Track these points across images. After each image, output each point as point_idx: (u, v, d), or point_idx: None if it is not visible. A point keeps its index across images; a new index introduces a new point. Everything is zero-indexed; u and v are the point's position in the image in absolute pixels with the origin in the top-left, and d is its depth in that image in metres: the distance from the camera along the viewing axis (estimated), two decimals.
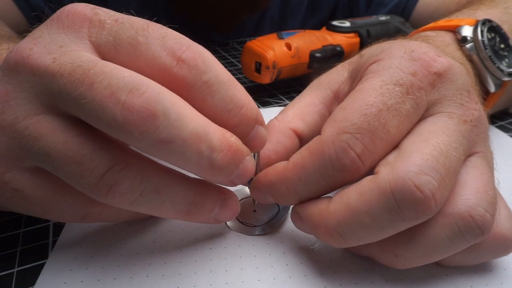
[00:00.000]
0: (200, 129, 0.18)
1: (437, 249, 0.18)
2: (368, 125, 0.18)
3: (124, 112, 0.16)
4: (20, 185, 0.19)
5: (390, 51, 0.21)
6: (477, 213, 0.17)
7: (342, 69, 0.25)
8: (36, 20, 0.20)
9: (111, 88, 0.16)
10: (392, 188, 0.17)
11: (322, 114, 0.25)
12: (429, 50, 0.20)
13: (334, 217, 0.18)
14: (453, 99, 0.20)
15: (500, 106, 0.36)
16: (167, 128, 0.17)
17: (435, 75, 0.19)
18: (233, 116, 0.19)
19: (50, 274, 0.21)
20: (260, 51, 0.40)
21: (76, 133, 0.18)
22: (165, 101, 0.17)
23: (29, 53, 0.18)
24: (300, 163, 0.20)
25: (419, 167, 0.17)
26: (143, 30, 0.18)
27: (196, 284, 0.20)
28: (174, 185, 0.19)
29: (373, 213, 0.17)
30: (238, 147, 0.19)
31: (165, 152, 0.17)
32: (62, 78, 0.17)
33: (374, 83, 0.19)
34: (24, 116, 0.18)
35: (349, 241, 0.18)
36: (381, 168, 0.18)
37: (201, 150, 0.18)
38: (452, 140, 0.18)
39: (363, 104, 0.19)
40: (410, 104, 0.19)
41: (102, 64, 0.17)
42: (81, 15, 0.19)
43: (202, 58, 0.18)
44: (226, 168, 0.19)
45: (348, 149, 0.18)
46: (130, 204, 0.18)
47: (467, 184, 0.18)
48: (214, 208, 0.21)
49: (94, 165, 0.17)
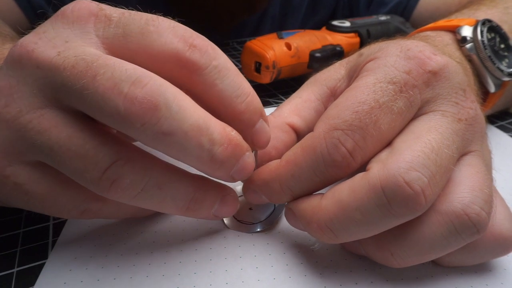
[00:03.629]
0: (201, 122, 0.18)
1: (433, 247, 0.18)
2: (359, 122, 0.18)
3: (127, 103, 0.16)
4: (21, 179, 0.19)
5: (386, 50, 0.21)
6: (472, 211, 0.17)
7: (340, 67, 0.25)
8: (38, 19, 0.20)
9: (114, 79, 0.16)
10: (383, 185, 0.17)
11: (319, 110, 0.25)
12: (425, 48, 0.20)
13: (326, 213, 0.18)
14: (448, 98, 0.20)
15: (500, 106, 0.36)
16: (168, 120, 0.17)
17: (430, 73, 0.20)
18: (240, 102, 0.20)
19: (50, 274, 0.21)
20: (260, 51, 0.40)
21: (80, 128, 0.18)
22: (167, 93, 0.17)
23: (34, 47, 0.18)
24: (293, 160, 0.20)
25: (410, 164, 0.17)
26: (153, 20, 0.19)
27: (196, 284, 0.20)
28: (175, 181, 0.19)
29: (364, 209, 0.17)
30: (238, 141, 0.19)
31: (166, 144, 0.17)
32: (65, 71, 0.17)
33: (367, 81, 0.20)
34: (28, 110, 0.18)
35: (341, 237, 0.19)
36: (373, 165, 0.18)
37: (202, 143, 0.18)
38: (445, 138, 0.18)
39: (355, 102, 0.19)
40: (403, 102, 0.19)
41: (105, 57, 0.17)
42: (86, 10, 0.19)
43: (211, 46, 0.19)
44: (227, 162, 0.19)
45: (339, 145, 0.18)
46: (132, 199, 0.19)
47: (462, 182, 0.18)
48: (213, 205, 0.21)
49: (97, 159, 0.18)
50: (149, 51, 0.18)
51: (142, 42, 0.18)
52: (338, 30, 0.46)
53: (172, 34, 0.18)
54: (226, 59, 0.19)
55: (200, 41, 0.19)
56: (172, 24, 0.19)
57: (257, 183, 0.21)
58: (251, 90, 0.20)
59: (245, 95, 0.20)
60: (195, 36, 0.19)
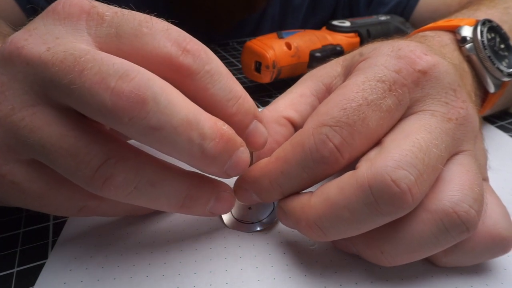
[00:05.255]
0: (191, 116, 0.18)
1: (423, 245, 0.18)
2: (347, 118, 0.18)
3: (114, 98, 0.16)
4: (18, 178, 0.19)
5: (378, 50, 0.21)
6: (461, 209, 0.18)
7: (336, 64, 0.25)
8: (32, 14, 0.20)
9: (101, 74, 0.16)
10: (370, 183, 0.17)
11: (314, 106, 0.25)
12: (416, 48, 0.20)
13: (314, 211, 0.19)
14: (437, 98, 0.20)
15: (500, 106, 0.36)
16: (157, 114, 0.17)
17: (420, 72, 0.20)
18: (231, 105, 0.20)
19: (50, 274, 0.21)
20: (260, 50, 0.40)
21: (72, 126, 0.18)
22: (155, 87, 0.17)
23: (24, 43, 0.18)
24: (282, 157, 0.20)
25: (397, 162, 0.17)
26: (147, 22, 0.19)
27: (196, 284, 0.20)
28: (169, 179, 0.19)
29: (352, 207, 0.17)
30: (230, 136, 0.19)
31: (156, 139, 0.17)
32: (53, 66, 0.17)
33: (357, 80, 0.20)
34: (20, 108, 0.18)
35: (330, 235, 0.19)
36: (361, 164, 0.18)
37: (192, 137, 0.18)
38: (433, 137, 0.18)
39: (344, 99, 0.19)
40: (391, 100, 0.19)
41: (94, 52, 0.17)
42: (78, 7, 0.18)
43: (204, 50, 0.19)
44: (219, 157, 0.19)
45: (327, 140, 0.18)
46: (125, 196, 0.18)
47: (452, 180, 0.18)
48: (209, 201, 0.21)
49: (90, 158, 0.17)
50: (142, 53, 0.18)
51: (135, 44, 0.18)
52: (338, 30, 0.46)
53: (165, 37, 0.18)
54: (218, 63, 0.19)
55: (193, 45, 0.19)
56: (166, 26, 0.19)
57: (247, 181, 0.21)
58: (243, 93, 0.20)
59: (236, 98, 0.20)
60: (188, 40, 0.19)
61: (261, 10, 0.62)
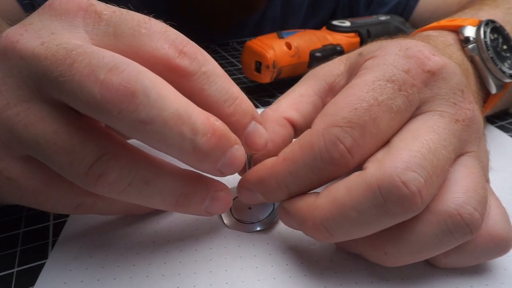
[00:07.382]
0: (182, 111, 0.17)
1: (426, 246, 0.18)
2: (358, 119, 0.18)
3: (103, 90, 0.16)
4: (14, 174, 0.19)
5: (386, 48, 0.21)
6: (466, 211, 0.17)
7: (339, 63, 0.25)
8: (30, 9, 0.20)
9: (91, 66, 0.16)
10: (379, 184, 0.17)
11: (316, 105, 0.25)
12: (424, 48, 0.20)
13: (321, 212, 0.18)
14: (446, 98, 0.20)
15: (500, 106, 0.36)
16: (146, 108, 0.16)
17: (429, 73, 0.20)
18: (228, 106, 0.20)
19: (50, 274, 0.21)
20: (260, 50, 0.40)
21: (66, 122, 0.18)
22: (145, 81, 0.17)
23: (19, 38, 0.18)
24: (290, 157, 0.20)
25: (406, 164, 0.17)
26: (145, 22, 0.19)
27: (196, 284, 0.20)
28: (163, 177, 0.19)
29: (360, 208, 0.17)
30: (223, 131, 0.18)
31: (146, 133, 0.17)
32: (46, 60, 0.17)
33: (366, 79, 0.20)
34: (15, 102, 0.18)
35: (336, 236, 0.19)
36: (370, 164, 0.18)
37: (183, 132, 0.17)
38: (442, 138, 0.18)
39: (354, 99, 0.19)
40: (401, 100, 0.19)
41: (86, 46, 0.17)
42: (75, 4, 0.18)
43: (201, 52, 0.19)
44: (212, 154, 0.18)
45: (338, 142, 0.18)
46: (119, 194, 0.18)
47: (457, 182, 0.18)
48: (204, 200, 0.21)
49: (84, 154, 0.17)
50: (139, 54, 0.18)
51: (132, 44, 0.18)
52: (338, 30, 0.46)
53: (163, 39, 0.18)
54: (215, 65, 0.19)
55: (190, 48, 0.19)
56: (164, 28, 0.19)
57: (253, 181, 0.21)
58: (240, 94, 0.20)
59: (233, 99, 0.20)
60: (185, 43, 0.19)
61: (261, 11, 0.62)
